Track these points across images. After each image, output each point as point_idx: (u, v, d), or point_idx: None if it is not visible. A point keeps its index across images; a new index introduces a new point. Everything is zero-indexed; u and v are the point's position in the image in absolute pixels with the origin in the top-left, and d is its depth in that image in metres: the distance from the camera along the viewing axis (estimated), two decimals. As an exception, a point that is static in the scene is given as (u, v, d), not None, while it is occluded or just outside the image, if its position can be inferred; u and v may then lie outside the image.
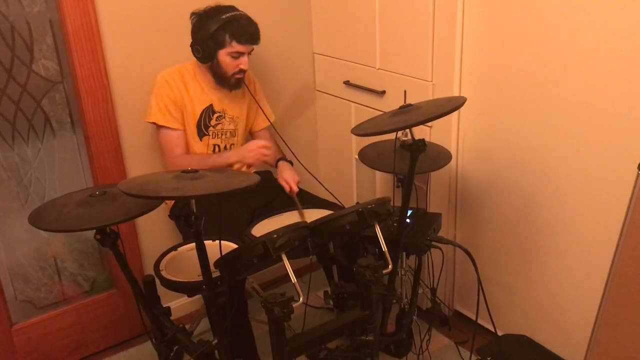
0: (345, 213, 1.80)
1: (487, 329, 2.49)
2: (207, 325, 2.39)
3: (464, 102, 1.78)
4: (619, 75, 1.84)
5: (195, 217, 1.58)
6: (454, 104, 1.76)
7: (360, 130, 1.83)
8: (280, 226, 1.71)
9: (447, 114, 1.73)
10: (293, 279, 1.66)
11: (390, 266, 1.82)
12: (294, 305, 1.61)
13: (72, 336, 2.56)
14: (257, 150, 2.35)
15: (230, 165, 2.42)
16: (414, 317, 2.39)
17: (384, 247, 1.81)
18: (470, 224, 2.52)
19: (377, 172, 2.75)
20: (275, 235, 1.66)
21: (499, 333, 2.43)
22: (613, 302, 2.02)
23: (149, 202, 1.70)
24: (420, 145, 1.84)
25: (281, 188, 2.47)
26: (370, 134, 1.82)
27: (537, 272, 2.30)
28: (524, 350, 2.33)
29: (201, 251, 1.65)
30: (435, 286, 2.33)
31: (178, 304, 2.75)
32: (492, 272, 2.48)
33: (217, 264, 1.75)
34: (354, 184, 2.96)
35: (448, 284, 2.68)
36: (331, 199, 2.47)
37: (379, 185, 2.79)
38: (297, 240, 1.71)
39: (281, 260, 1.67)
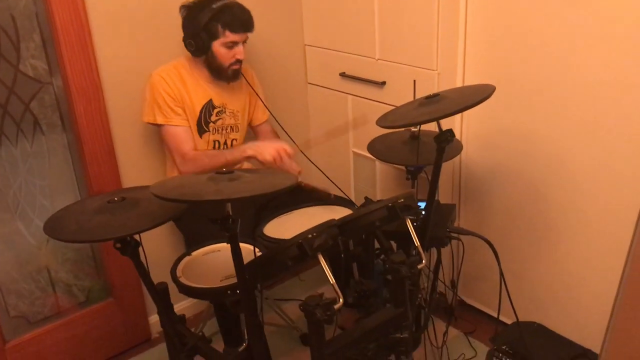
0: (375, 209, 1.74)
1: (491, 317, 2.49)
2: (214, 327, 2.29)
3: (493, 91, 1.73)
4: (635, 57, 1.83)
5: (232, 220, 1.50)
6: (484, 93, 1.71)
7: (387, 123, 1.76)
8: (293, 225, 1.64)
9: (479, 103, 1.68)
10: (331, 279, 1.58)
11: (424, 261, 1.77)
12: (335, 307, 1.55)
13: (68, 351, 2.43)
14: (280, 151, 2.20)
15: (246, 159, 2.30)
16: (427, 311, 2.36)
17: (417, 242, 1.76)
18: (476, 212, 2.50)
19: (377, 165, 2.70)
20: (310, 236, 1.59)
21: (508, 322, 2.43)
22: (632, 285, 2.04)
23: (175, 207, 1.60)
24: (448, 136, 1.79)
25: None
26: (400, 126, 1.75)
27: (548, 257, 2.30)
28: (538, 337, 2.33)
29: (237, 256, 1.56)
30: (454, 278, 2.31)
31: (181, 307, 2.65)
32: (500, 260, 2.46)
33: (248, 267, 1.66)
34: (352, 178, 2.90)
35: (454, 274, 2.65)
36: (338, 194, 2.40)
37: (380, 178, 2.74)
38: (331, 239, 1.65)
39: (317, 261, 1.60)
